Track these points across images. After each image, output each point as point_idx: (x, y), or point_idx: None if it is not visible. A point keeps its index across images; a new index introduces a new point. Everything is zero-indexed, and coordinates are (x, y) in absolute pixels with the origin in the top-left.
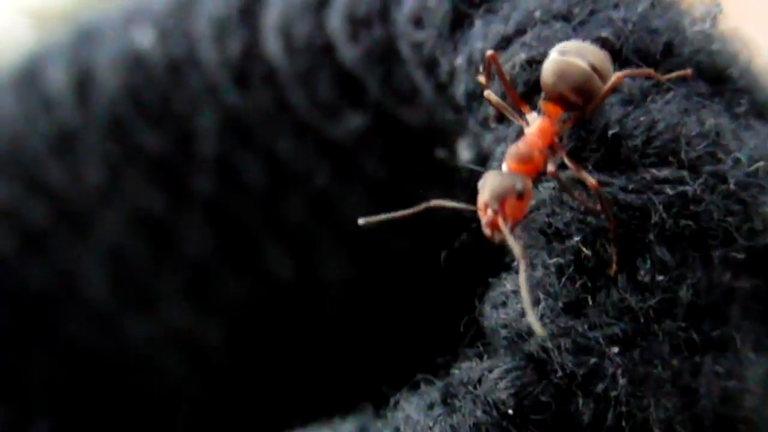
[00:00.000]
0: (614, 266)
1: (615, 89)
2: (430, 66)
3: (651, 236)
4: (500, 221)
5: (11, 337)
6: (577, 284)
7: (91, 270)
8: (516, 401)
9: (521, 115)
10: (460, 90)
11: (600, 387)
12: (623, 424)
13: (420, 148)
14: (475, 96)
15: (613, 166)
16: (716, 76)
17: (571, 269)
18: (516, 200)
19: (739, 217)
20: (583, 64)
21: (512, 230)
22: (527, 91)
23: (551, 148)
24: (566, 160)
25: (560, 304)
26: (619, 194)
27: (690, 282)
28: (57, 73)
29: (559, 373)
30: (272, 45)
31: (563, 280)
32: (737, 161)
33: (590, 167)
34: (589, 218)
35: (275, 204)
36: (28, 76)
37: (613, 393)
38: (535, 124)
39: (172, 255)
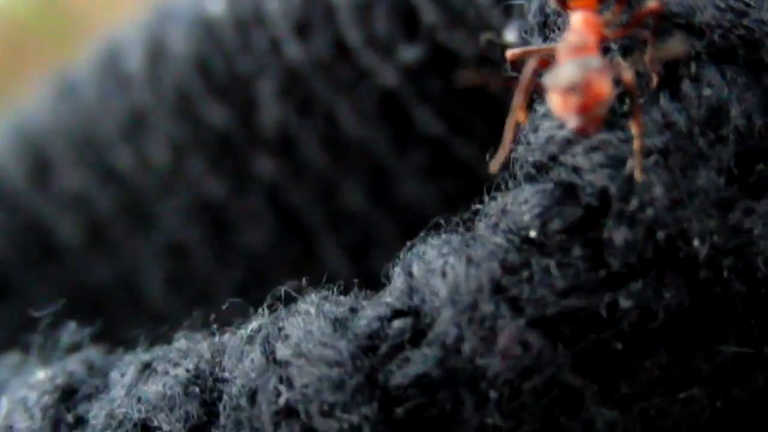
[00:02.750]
0: (656, 80)
1: None
2: None
3: (699, 47)
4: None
5: None
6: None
7: (149, 267)
8: (540, 223)
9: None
10: None
11: (634, 203)
12: (659, 247)
13: (473, 93)
14: None
15: None
16: None
17: None
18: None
19: None
20: None
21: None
22: None
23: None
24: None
25: None
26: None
27: (741, 106)
28: (134, 51)
29: (589, 190)
30: None
31: None
32: None
33: None
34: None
35: (333, 188)
36: (109, 60)
37: (649, 212)
38: (574, 20)
39: (229, 248)
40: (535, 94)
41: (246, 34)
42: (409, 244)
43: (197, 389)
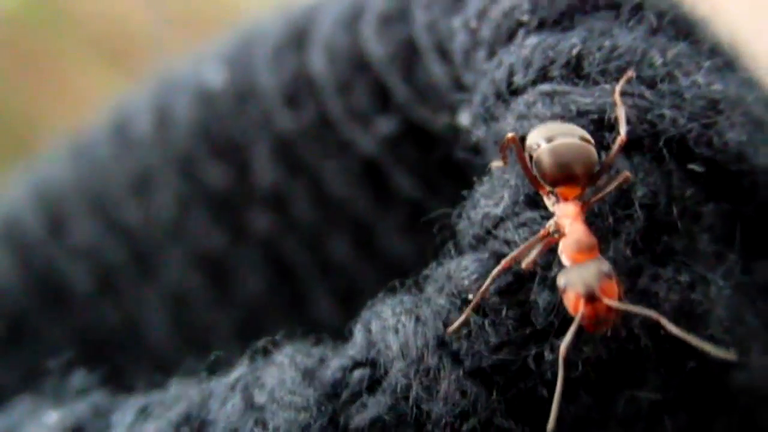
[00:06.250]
0: None
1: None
2: (440, 44)
3: (609, 139)
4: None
5: None
6: None
7: (154, 312)
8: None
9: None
10: (457, 46)
11: (555, 271)
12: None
13: (445, 161)
14: (469, 51)
15: (577, 81)
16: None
17: None
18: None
19: (696, 131)
20: (578, 141)
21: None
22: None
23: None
24: None
25: (521, 198)
26: (577, 100)
27: (646, 187)
28: (142, 118)
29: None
30: (317, 61)
31: None
32: (695, 83)
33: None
34: None
35: (321, 242)
36: (119, 125)
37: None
38: (566, 213)
39: (227, 296)
40: (476, 176)
41: (241, 104)
42: (369, 303)
43: (187, 429)
